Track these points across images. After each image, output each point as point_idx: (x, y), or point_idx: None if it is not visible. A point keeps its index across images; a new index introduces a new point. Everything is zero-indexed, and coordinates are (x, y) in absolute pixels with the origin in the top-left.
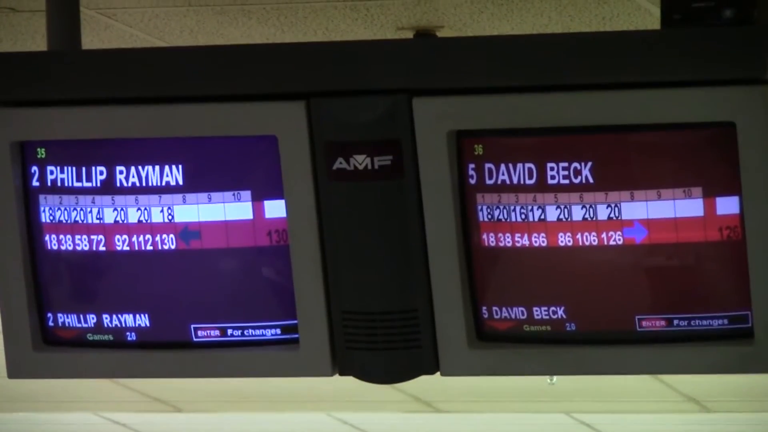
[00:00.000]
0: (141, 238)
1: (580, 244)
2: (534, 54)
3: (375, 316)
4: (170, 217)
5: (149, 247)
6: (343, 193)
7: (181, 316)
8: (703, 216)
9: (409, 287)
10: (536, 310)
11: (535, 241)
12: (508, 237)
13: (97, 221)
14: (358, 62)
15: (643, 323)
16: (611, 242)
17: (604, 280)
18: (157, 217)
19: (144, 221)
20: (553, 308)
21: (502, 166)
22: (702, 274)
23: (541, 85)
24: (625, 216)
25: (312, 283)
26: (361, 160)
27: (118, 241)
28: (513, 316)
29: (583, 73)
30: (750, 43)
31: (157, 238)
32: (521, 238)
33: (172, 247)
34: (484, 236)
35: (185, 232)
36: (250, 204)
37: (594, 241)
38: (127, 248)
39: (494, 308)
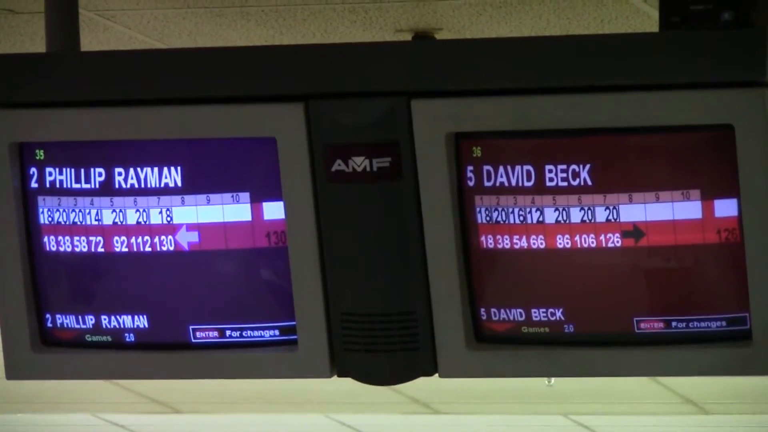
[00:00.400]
0: (140, 240)
1: (579, 246)
2: (532, 56)
3: (373, 317)
4: (169, 218)
5: (148, 249)
6: (342, 194)
7: (179, 317)
8: (701, 218)
9: (408, 289)
10: (534, 312)
11: (534, 243)
12: (506, 239)
13: (96, 223)
14: (356, 64)
15: (641, 325)
16: (609, 244)
17: (602, 282)
18: (155, 218)
19: (143, 223)
20: (551, 310)
21: (501, 168)
22: (700, 277)
23: (540, 88)
24: (623, 218)
25: (311, 284)
26: (359, 162)
27: (117, 242)
28: (511, 318)
29: (582, 76)
30: (748, 46)
31: (156, 240)
32: (520, 240)
33: (171, 248)
34: (483, 238)
35: (184, 233)
36: (248, 205)
37: (592, 243)
38: (126, 250)
39: (492, 310)
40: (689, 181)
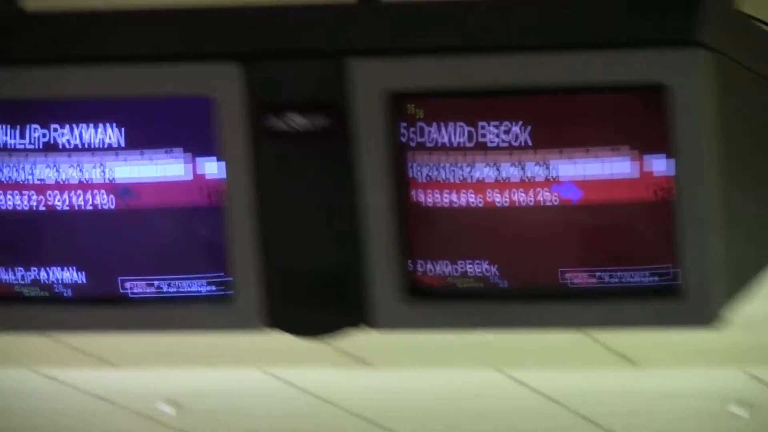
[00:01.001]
0: (76, 197)
1: (512, 202)
2: (467, 16)
3: (308, 272)
4: (105, 175)
5: (84, 206)
6: (279, 153)
7: (115, 272)
8: (635, 176)
9: (343, 244)
10: (470, 268)
11: (468, 200)
12: (442, 196)
13: (32, 179)
14: (294, 23)
15: (575, 280)
16: (543, 201)
17: (535, 238)
18: (91, 175)
19: (78, 180)
20: (486, 266)
21: (436, 126)
22: (633, 233)
23: (475, 47)
24: (557, 175)
25: (246, 240)
26: (296, 121)
27: (53, 199)
28: (446, 273)
29: (515, 35)
30: (683, 5)
31: (92, 197)
32: (455, 196)
33: (107, 205)
34: (418, 195)
35: (120, 190)
36: (186, 163)
37: (526, 200)
38: (62, 206)
39: (428, 265)
40: (625, 139)
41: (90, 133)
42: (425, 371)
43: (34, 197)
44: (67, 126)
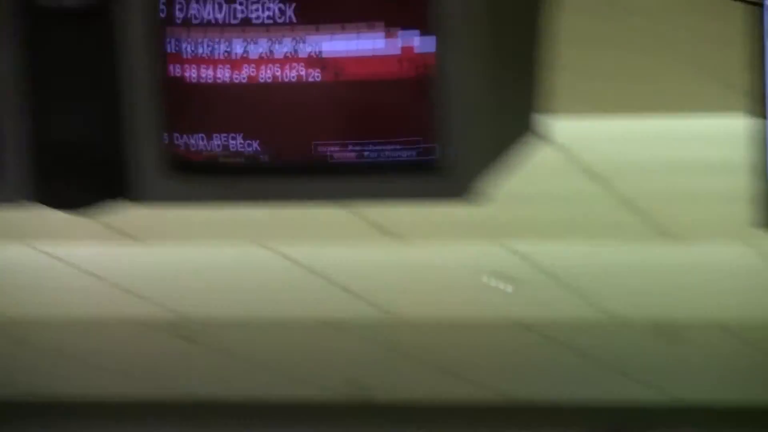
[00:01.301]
0: None
1: (273, 79)
2: None
3: (70, 147)
4: None
5: None
6: (43, 29)
7: None
8: (396, 53)
9: (105, 121)
10: (230, 143)
11: (227, 76)
12: (200, 71)
13: None
14: None
15: (335, 155)
16: (304, 78)
17: (297, 115)
18: None
19: None
20: (246, 141)
21: (196, 3)
22: (393, 109)
23: None
24: (318, 52)
25: (10, 116)
26: None
27: None
28: (207, 148)
29: None
30: None
31: None
32: (214, 72)
33: None
34: (176, 70)
35: None
36: None
37: (287, 76)
38: None
39: (188, 140)
40: (382, 16)
41: None
42: (191, 246)
43: None
44: None
